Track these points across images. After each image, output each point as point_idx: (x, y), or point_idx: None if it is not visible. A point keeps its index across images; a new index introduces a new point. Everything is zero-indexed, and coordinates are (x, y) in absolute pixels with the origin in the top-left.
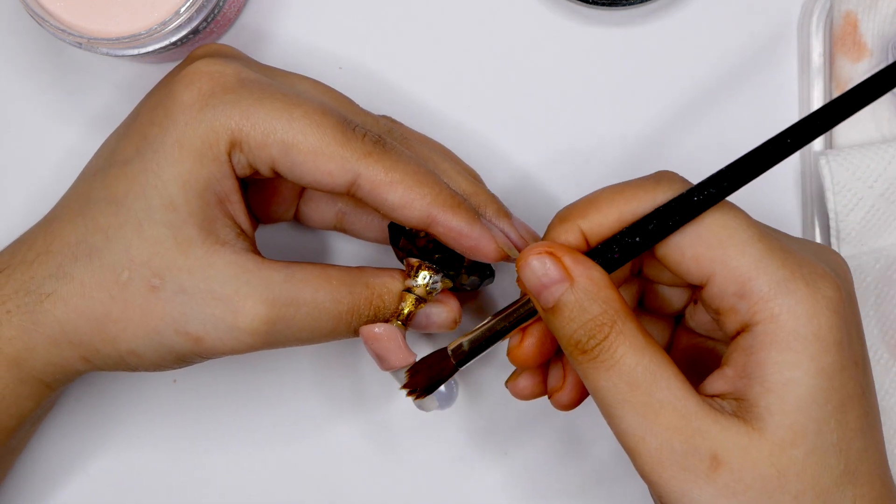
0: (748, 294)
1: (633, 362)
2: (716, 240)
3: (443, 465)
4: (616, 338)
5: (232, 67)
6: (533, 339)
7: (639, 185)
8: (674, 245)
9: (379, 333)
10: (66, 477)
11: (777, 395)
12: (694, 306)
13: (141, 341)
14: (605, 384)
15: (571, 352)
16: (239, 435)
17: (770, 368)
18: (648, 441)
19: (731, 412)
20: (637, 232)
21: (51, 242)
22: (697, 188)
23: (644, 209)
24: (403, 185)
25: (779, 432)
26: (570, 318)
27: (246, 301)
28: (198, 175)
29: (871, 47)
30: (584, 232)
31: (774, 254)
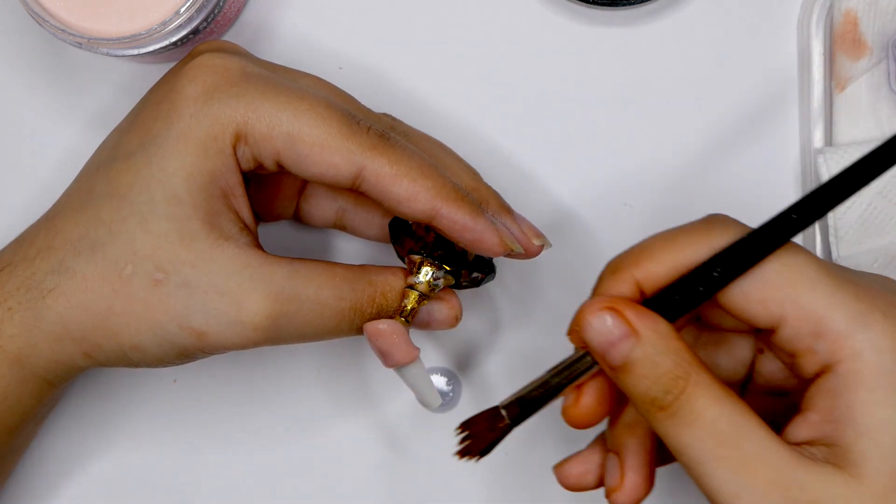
0: (825, 332)
1: (716, 414)
2: (783, 280)
3: (443, 465)
4: (694, 390)
5: (236, 62)
6: (590, 398)
7: (692, 230)
8: (738, 291)
9: (383, 329)
10: (68, 476)
11: (871, 438)
12: (761, 356)
13: (144, 336)
14: (689, 441)
15: (648, 410)
16: (240, 434)
17: (859, 410)
18: (744, 498)
19: (824, 460)
20: (698, 280)
21: (53, 238)
22: (760, 231)
23: (701, 256)
24: (408, 178)
25: (879, 479)
26: (642, 374)
27: (249, 296)
28: (202, 168)
29: (871, 45)
30: (639, 282)
31: (846, 288)
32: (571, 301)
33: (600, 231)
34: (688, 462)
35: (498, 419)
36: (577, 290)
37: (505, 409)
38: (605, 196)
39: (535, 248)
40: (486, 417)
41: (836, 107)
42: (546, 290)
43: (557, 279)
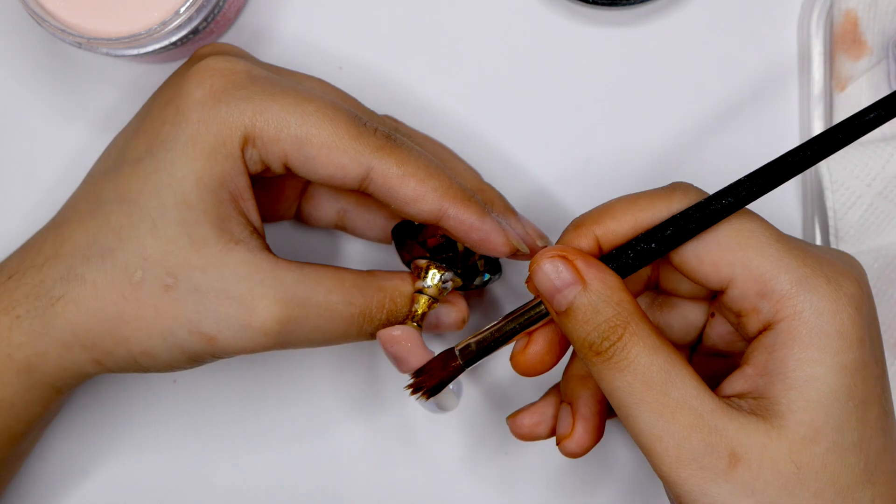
0: (770, 293)
1: (648, 362)
2: (734, 243)
3: (444, 465)
4: (630, 339)
5: (241, 64)
6: (538, 346)
7: (654, 194)
8: (691, 252)
9: (397, 336)
10: (70, 479)
11: (799, 391)
12: (711, 320)
13: (154, 342)
14: (619, 385)
15: (585, 354)
16: (242, 437)
17: (792, 365)
18: (665, 441)
19: (749, 410)
20: (653, 238)
21: (61, 245)
22: (715, 197)
23: (659, 217)
24: (416, 179)
25: (799, 429)
26: (583, 320)
27: (260, 301)
28: (211, 172)
29: (871, 45)
30: (599, 238)
31: (794, 253)
32: None
33: None
34: (617, 404)
35: (451, 359)
36: None
37: (460, 351)
38: (605, 196)
39: (538, 248)
40: (441, 358)
41: (836, 107)
42: None
43: None
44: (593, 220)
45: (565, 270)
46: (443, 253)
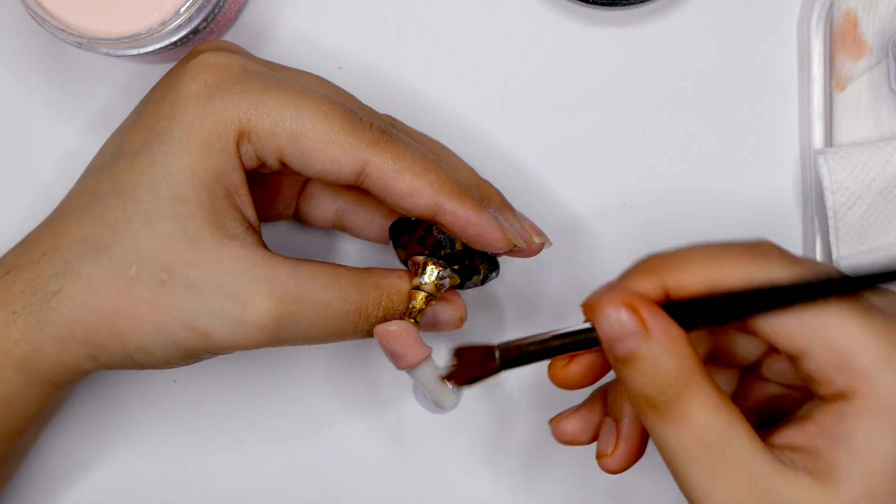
0: (848, 369)
1: (705, 422)
2: (814, 319)
3: (444, 465)
4: (689, 396)
5: (237, 59)
6: (580, 367)
7: (736, 253)
8: (766, 322)
9: (394, 331)
10: (68, 477)
11: (860, 459)
12: (773, 356)
13: (149, 337)
14: (673, 441)
15: (640, 406)
16: (242, 435)
17: (860, 436)
18: (715, 499)
19: (804, 468)
20: (726, 308)
21: (57, 240)
22: (806, 288)
23: (738, 280)
24: (411, 174)
25: (855, 492)
26: (642, 372)
27: (255, 296)
28: (206, 167)
29: (871, 45)
30: (668, 288)
31: (876, 328)
32: (573, 300)
33: (600, 231)
34: (668, 458)
35: (490, 358)
36: (578, 290)
37: (500, 350)
38: (605, 196)
39: (535, 245)
40: (480, 353)
41: (836, 107)
42: (548, 290)
43: (559, 279)
44: (666, 268)
45: (629, 319)
46: (440, 250)
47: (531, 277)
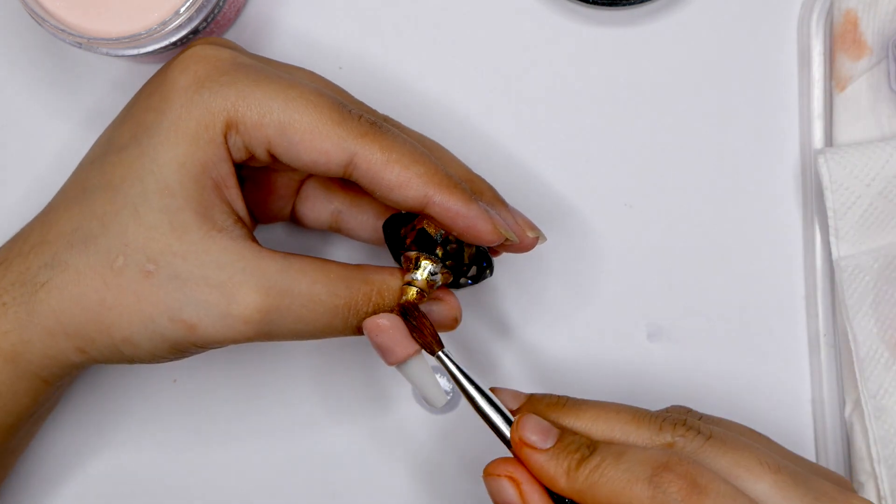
0: None
1: None
2: None
3: (441, 465)
4: None
5: (227, 52)
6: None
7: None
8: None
9: (383, 324)
10: (67, 477)
11: None
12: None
13: (135, 329)
14: None
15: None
16: (239, 434)
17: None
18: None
19: None
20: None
21: (47, 232)
22: None
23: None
24: (400, 165)
25: None
26: None
27: (240, 288)
28: (194, 158)
29: (871, 45)
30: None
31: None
32: (571, 300)
33: (600, 231)
34: None
35: (436, 348)
36: (577, 290)
37: (445, 354)
38: (605, 196)
39: (529, 239)
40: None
41: (836, 107)
42: (546, 290)
43: (557, 279)
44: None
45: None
46: (433, 247)
47: (530, 277)
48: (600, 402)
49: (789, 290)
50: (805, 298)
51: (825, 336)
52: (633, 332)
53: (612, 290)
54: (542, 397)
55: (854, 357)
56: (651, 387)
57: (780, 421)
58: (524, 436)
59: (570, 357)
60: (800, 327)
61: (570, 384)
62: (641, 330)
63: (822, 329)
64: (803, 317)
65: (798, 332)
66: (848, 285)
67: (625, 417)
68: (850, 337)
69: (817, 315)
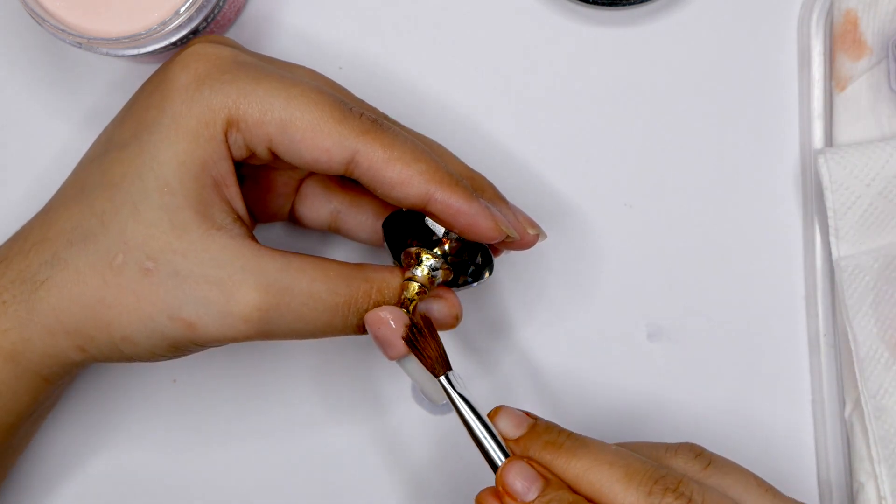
0: None
1: None
2: None
3: (441, 465)
4: None
5: (228, 51)
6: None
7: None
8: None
9: (384, 317)
10: (67, 476)
11: None
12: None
13: (135, 327)
14: None
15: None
16: (239, 434)
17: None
18: None
19: None
20: None
21: (47, 230)
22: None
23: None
24: (402, 162)
25: None
26: None
27: (240, 287)
28: (194, 156)
29: (871, 45)
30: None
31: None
32: (571, 300)
33: (600, 231)
34: None
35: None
36: (577, 290)
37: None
38: (605, 196)
39: (529, 236)
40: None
41: (836, 107)
42: (546, 290)
43: (557, 279)
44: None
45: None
46: (433, 245)
47: (528, 277)
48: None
49: (789, 290)
50: (805, 298)
51: (825, 336)
52: (633, 332)
53: (612, 290)
54: (543, 431)
55: (854, 357)
56: (651, 387)
57: (780, 421)
58: (508, 483)
59: (570, 357)
60: (800, 327)
61: (570, 384)
62: (641, 330)
63: (822, 329)
64: (803, 317)
65: (798, 332)
66: (848, 285)
67: (617, 474)
68: (850, 337)
69: (817, 315)
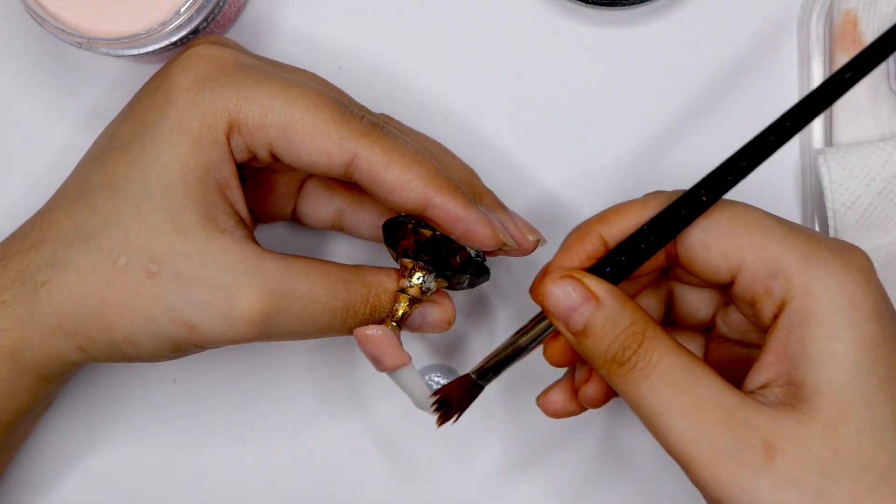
0: (779, 272)
1: (671, 363)
2: (740, 228)
3: (441, 465)
4: (650, 343)
5: (228, 52)
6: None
7: (654, 196)
8: (698, 243)
9: (372, 335)
10: (65, 475)
11: (821, 371)
12: (725, 309)
13: (136, 328)
14: (647, 392)
15: (609, 368)
16: (238, 433)
17: (811, 344)
18: (700, 443)
19: (778, 401)
20: (653, 231)
21: (47, 230)
22: (699, 185)
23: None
24: (401, 166)
25: (828, 410)
26: (602, 335)
27: (242, 290)
28: (197, 159)
29: None
30: (605, 238)
31: (798, 232)
32: None
33: None
34: (647, 415)
35: (470, 383)
36: None
37: (477, 375)
38: (604, 196)
39: (529, 243)
40: (460, 387)
41: (836, 107)
42: None
43: None
44: (598, 220)
45: (575, 290)
46: (430, 252)
47: (525, 278)
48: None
49: None
50: None
51: None
52: None
53: None
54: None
55: None
56: None
57: None
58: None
59: None
60: None
61: None
62: None
63: None
64: None
65: None
66: None
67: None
68: None
69: None
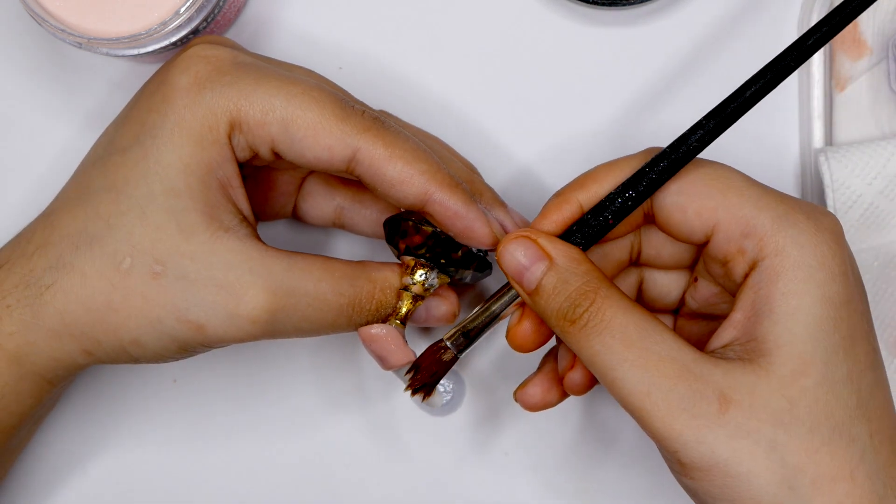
0: (752, 231)
1: (624, 321)
2: (714, 189)
3: (441, 465)
4: (602, 302)
5: (227, 52)
6: (531, 323)
7: (632, 157)
8: (674, 205)
9: (377, 334)
10: (66, 476)
11: (784, 325)
12: (694, 285)
13: (143, 330)
14: (599, 348)
15: (561, 325)
16: (239, 433)
17: (777, 300)
18: (654, 395)
19: (737, 357)
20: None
21: (50, 234)
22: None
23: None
24: (403, 161)
25: (788, 363)
26: (553, 293)
27: (248, 289)
28: (199, 159)
29: (871, 45)
30: (583, 204)
31: (772, 193)
32: None
33: None
34: (601, 370)
35: (444, 352)
36: None
37: (451, 342)
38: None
39: None
40: (431, 352)
41: (836, 107)
42: None
43: None
44: (575, 186)
45: (529, 250)
46: (432, 248)
47: None
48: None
49: None
50: None
51: None
52: None
53: None
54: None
55: None
56: None
57: None
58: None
59: None
60: None
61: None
62: None
63: None
64: None
65: None
66: None
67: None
68: None
69: None
